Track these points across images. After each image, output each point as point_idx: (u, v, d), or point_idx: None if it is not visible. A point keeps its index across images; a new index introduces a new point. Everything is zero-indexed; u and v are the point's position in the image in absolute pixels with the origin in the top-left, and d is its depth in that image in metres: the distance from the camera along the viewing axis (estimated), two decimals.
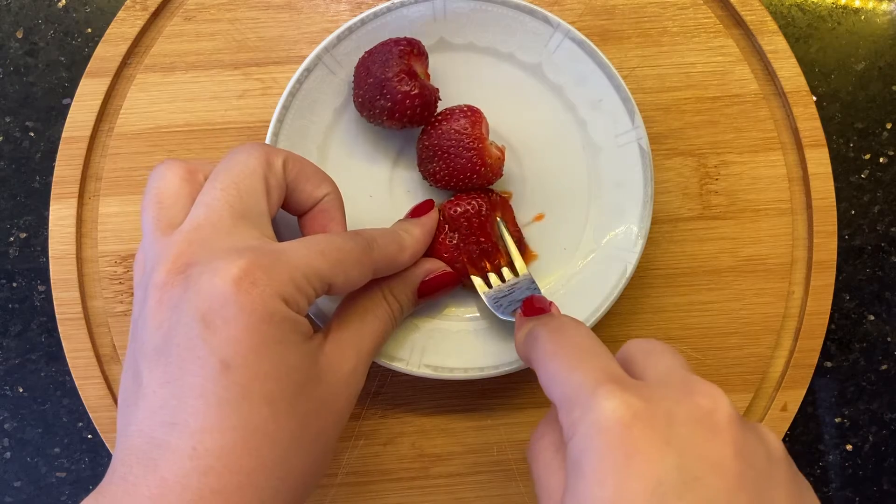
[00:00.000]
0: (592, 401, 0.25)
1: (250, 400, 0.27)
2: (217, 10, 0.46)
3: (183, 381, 0.27)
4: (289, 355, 0.28)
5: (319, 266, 0.30)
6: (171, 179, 0.32)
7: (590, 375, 0.26)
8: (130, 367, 0.29)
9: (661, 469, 0.23)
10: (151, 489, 0.26)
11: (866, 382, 0.49)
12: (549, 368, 0.28)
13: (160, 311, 0.28)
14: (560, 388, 0.27)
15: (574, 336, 0.30)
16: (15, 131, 0.48)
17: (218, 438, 0.26)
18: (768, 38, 0.46)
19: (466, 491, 0.45)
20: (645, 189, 0.42)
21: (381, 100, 0.39)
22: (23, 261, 0.47)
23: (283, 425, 0.28)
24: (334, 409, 0.31)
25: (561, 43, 0.42)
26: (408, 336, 0.42)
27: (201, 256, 0.29)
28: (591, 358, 0.27)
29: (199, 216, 0.30)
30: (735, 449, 0.24)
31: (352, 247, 0.32)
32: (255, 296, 0.27)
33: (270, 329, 0.28)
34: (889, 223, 0.49)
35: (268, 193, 0.32)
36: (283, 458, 0.28)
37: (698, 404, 0.25)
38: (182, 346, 0.27)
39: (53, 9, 0.48)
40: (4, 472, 0.47)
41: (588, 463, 0.24)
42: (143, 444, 0.27)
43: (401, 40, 0.40)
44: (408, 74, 0.39)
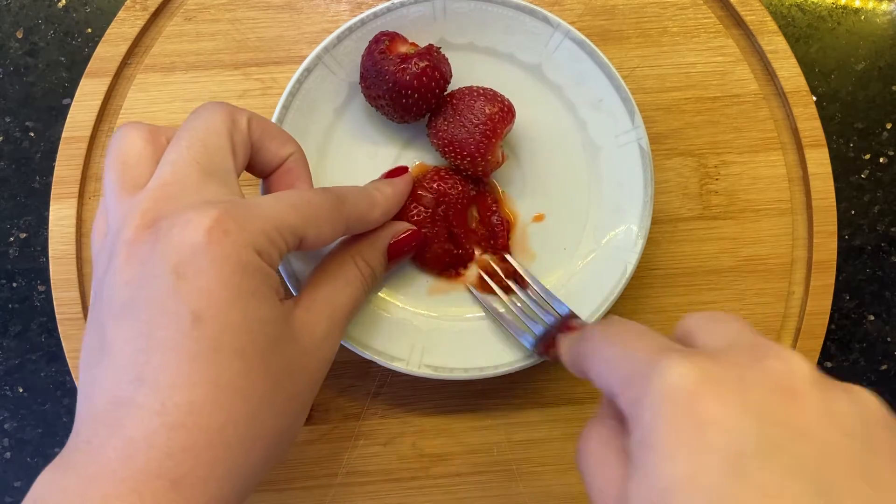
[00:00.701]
0: (656, 370, 0.22)
1: (221, 353, 0.26)
2: (217, 10, 0.46)
3: (152, 335, 0.26)
4: (262, 308, 0.28)
5: (291, 219, 0.30)
6: (133, 141, 0.31)
7: (649, 349, 0.24)
8: (94, 327, 0.28)
9: (738, 438, 0.21)
10: (117, 450, 0.25)
11: (866, 382, 0.49)
12: (605, 355, 0.26)
13: (129, 267, 0.27)
14: (618, 371, 0.25)
15: (626, 325, 0.27)
16: (15, 131, 0.48)
17: (188, 393, 0.25)
18: (768, 38, 0.46)
19: (466, 491, 0.45)
20: (645, 189, 0.42)
21: (409, 99, 0.39)
22: (23, 261, 0.47)
23: (254, 381, 0.27)
24: (307, 371, 0.31)
25: (561, 43, 0.42)
26: (408, 336, 0.42)
27: (171, 210, 0.28)
28: (648, 337, 0.25)
29: (165, 174, 0.29)
30: (819, 413, 0.21)
31: (322, 201, 0.32)
32: (228, 246, 0.27)
33: (243, 280, 0.27)
34: (889, 223, 0.49)
35: (233, 151, 0.31)
36: (254, 416, 0.27)
37: (773, 367, 0.22)
38: (152, 299, 0.26)
39: (53, 9, 0.48)
40: (4, 472, 0.47)
41: (656, 437, 0.21)
42: (107, 403, 0.26)
43: (370, 48, 0.40)
44: (404, 61, 0.39)
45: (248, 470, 0.27)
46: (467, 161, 0.40)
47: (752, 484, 0.20)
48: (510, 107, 0.40)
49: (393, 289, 0.43)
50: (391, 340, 0.41)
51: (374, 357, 0.41)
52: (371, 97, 0.40)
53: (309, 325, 0.31)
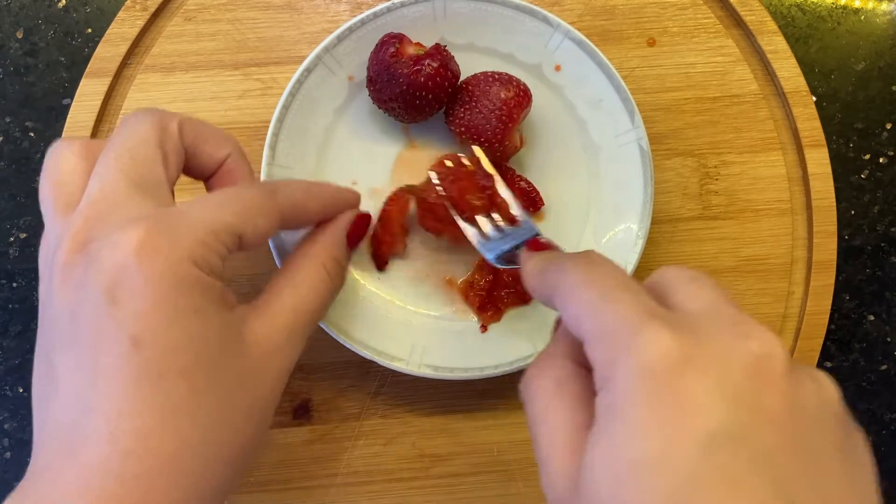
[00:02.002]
0: (637, 339, 0.22)
1: (165, 377, 0.26)
2: (217, 10, 0.46)
3: (95, 362, 0.26)
4: (203, 325, 0.27)
5: (224, 218, 0.28)
6: (66, 157, 0.30)
7: (632, 309, 0.23)
8: (41, 356, 0.28)
9: (713, 421, 0.21)
10: (74, 478, 0.25)
11: (866, 382, 0.49)
12: (581, 297, 0.25)
13: (65, 292, 0.27)
14: (594, 320, 0.24)
15: (607, 268, 0.26)
16: (15, 131, 0.48)
17: (135, 420, 0.25)
18: (768, 39, 0.46)
19: (466, 491, 0.45)
20: (645, 189, 0.42)
21: (423, 101, 0.39)
22: (23, 261, 0.47)
23: (203, 400, 0.27)
24: (261, 382, 0.30)
25: (561, 43, 0.42)
26: (408, 336, 0.42)
27: (98, 231, 0.27)
28: (631, 292, 0.24)
29: (93, 191, 0.29)
30: (789, 402, 0.22)
31: (253, 194, 0.31)
32: (160, 263, 0.26)
33: (181, 297, 0.26)
34: (889, 223, 0.49)
35: (165, 160, 0.30)
36: (208, 436, 0.27)
37: (752, 350, 0.22)
38: (90, 326, 0.26)
39: (53, 9, 0.48)
40: (4, 472, 0.47)
41: (631, 409, 0.22)
42: (61, 434, 0.26)
43: (379, 51, 0.40)
44: (416, 63, 0.39)
45: (207, 489, 0.27)
46: (485, 146, 0.40)
47: (720, 469, 0.20)
48: (526, 90, 0.40)
49: (393, 289, 0.43)
50: (391, 340, 0.41)
51: (374, 357, 0.41)
52: (381, 100, 0.40)
53: (264, 335, 0.30)
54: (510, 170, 0.43)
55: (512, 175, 0.43)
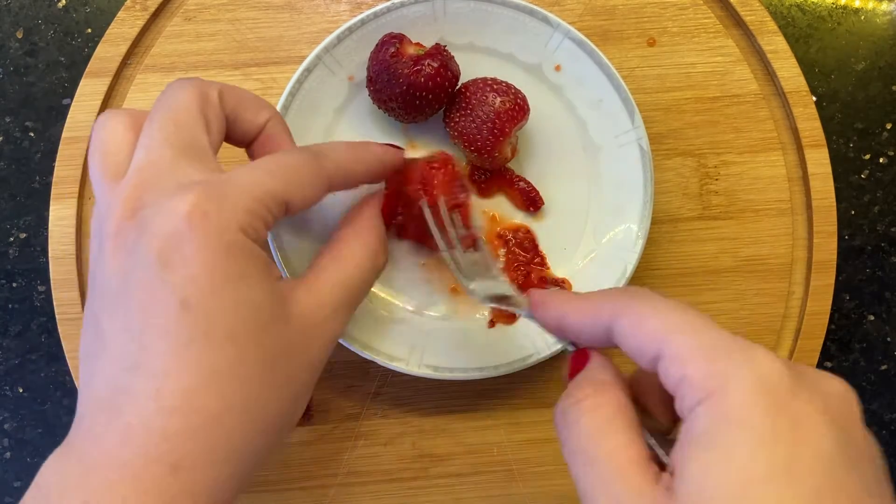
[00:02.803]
0: (753, 353, 0.23)
1: (212, 339, 0.26)
2: (217, 10, 0.46)
3: (144, 323, 0.26)
4: (251, 290, 0.27)
5: (271, 185, 0.29)
6: (113, 128, 0.31)
7: (724, 331, 0.24)
8: (90, 318, 0.29)
9: (829, 443, 0.22)
10: (117, 436, 0.25)
11: (866, 382, 0.49)
12: (669, 318, 0.25)
13: (116, 258, 0.28)
14: (694, 337, 0.24)
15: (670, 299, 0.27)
16: (15, 131, 0.48)
17: (182, 379, 0.26)
18: (768, 39, 0.46)
19: (466, 491, 0.45)
20: (645, 189, 0.42)
21: (423, 101, 0.39)
22: (23, 261, 0.47)
23: (249, 365, 0.27)
24: (305, 353, 0.30)
25: (561, 43, 0.42)
26: (408, 336, 0.42)
27: (149, 198, 0.28)
28: (711, 321, 0.25)
29: (140, 159, 0.29)
30: (865, 437, 0.24)
31: (300, 159, 0.31)
32: (210, 229, 0.26)
33: (229, 263, 0.27)
34: (889, 223, 0.49)
35: (207, 126, 0.31)
36: (251, 400, 0.27)
37: (839, 388, 0.24)
38: (141, 289, 0.26)
39: (53, 9, 0.48)
40: (4, 472, 0.47)
41: (753, 419, 0.22)
42: (106, 391, 0.26)
43: (379, 52, 0.40)
44: (416, 63, 0.39)
45: (247, 454, 0.27)
46: (475, 155, 0.40)
47: (842, 486, 0.22)
48: (522, 103, 0.40)
49: (393, 289, 0.43)
50: (391, 340, 0.41)
51: (374, 357, 0.41)
52: (381, 100, 0.40)
53: (310, 307, 0.30)
54: (509, 170, 0.43)
55: (511, 176, 0.43)
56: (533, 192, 0.43)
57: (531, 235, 0.43)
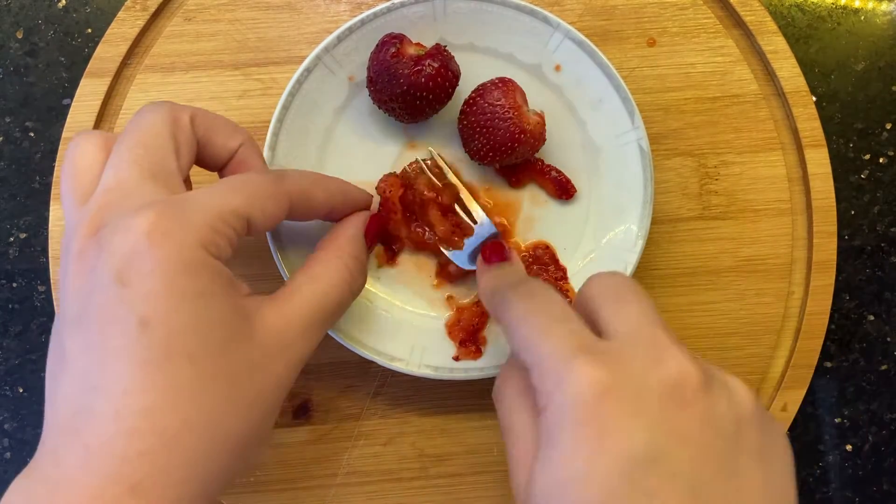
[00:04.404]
0: (564, 374, 0.25)
1: (171, 358, 0.26)
2: (217, 10, 0.46)
3: (103, 344, 0.26)
4: (211, 308, 0.27)
5: (232, 202, 0.29)
6: (84, 149, 0.31)
7: (562, 343, 0.26)
8: (54, 338, 0.29)
9: (630, 445, 0.24)
10: (77, 457, 0.25)
11: (866, 382, 0.49)
12: (521, 332, 0.28)
13: (78, 277, 0.28)
14: (532, 353, 0.27)
15: (544, 301, 0.29)
16: (15, 131, 0.48)
17: (140, 399, 0.25)
18: (768, 39, 0.46)
19: (466, 491, 0.45)
20: (645, 189, 0.42)
21: (424, 101, 0.39)
22: (23, 261, 0.47)
23: (208, 384, 0.27)
24: (270, 372, 0.30)
25: (561, 43, 0.42)
26: (408, 336, 0.42)
27: (111, 217, 0.28)
28: (562, 324, 0.28)
29: (108, 180, 0.29)
30: (702, 419, 0.25)
31: (262, 179, 0.31)
32: (169, 247, 0.26)
33: (189, 281, 0.27)
34: (889, 223, 0.49)
35: (177, 150, 0.31)
36: (212, 419, 0.27)
37: (666, 374, 0.26)
38: (100, 308, 0.26)
39: (53, 9, 0.48)
40: (4, 472, 0.47)
41: (561, 436, 0.25)
42: (67, 413, 0.26)
43: (379, 52, 0.40)
44: (417, 63, 0.39)
45: (209, 473, 0.27)
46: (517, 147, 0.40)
47: (638, 485, 0.24)
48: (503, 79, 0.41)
49: (393, 289, 0.43)
50: (391, 340, 0.41)
51: (374, 357, 0.41)
52: (381, 100, 0.40)
53: (277, 325, 0.30)
54: (538, 160, 0.43)
55: (542, 166, 0.43)
56: (565, 181, 0.43)
57: (551, 251, 0.43)
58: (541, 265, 0.43)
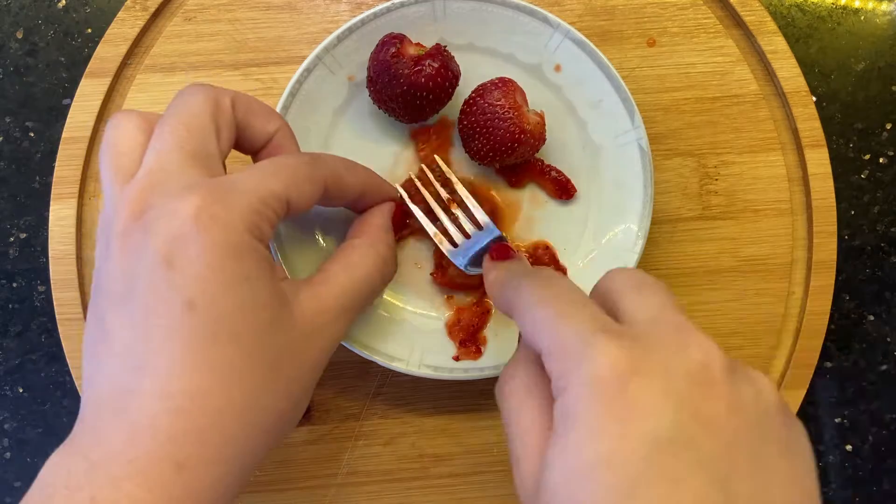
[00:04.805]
0: (587, 351, 0.24)
1: (217, 339, 0.27)
2: (217, 10, 0.46)
3: (149, 324, 0.27)
4: (256, 291, 0.28)
5: (273, 186, 0.30)
6: (125, 129, 0.31)
7: (582, 325, 0.25)
8: (95, 317, 0.29)
9: (657, 426, 0.23)
10: (122, 434, 0.26)
11: (866, 383, 0.49)
12: (537, 316, 0.27)
13: (123, 258, 0.28)
14: (549, 336, 0.26)
15: (561, 286, 0.28)
16: (15, 131, 0.48)
17: (186, 379, 0.26)
18: (768, 39, 0.46)
19: (466, 491, 0.45)
20: (645, 189, 0.42)
21: (424, 101, 0.39)
22: (23, 261, 0.47)
23: (252, 366, 0.28)
24: (308, 355, 0.31)
25: (561, 43, 0.42)
26: (408, 336, 0.42)
27: (155, 200, 0.28)
28: (581, 307, 0.27)
29: (150, 162, 0.30)
30: (728, 405, 0.24)
31: (299, 161, 0.32)
32: (216, 231, 0.27)
33: (235, 264, 0.27)
34: (889, 223, 0.49)
35: (218, 134, 0.31)
36: (253, 399, 0.28)
37: (693, 358, 0.24)
38: (146, 289, 0.27)
39: (53, 9, 0.48)
40: (4, 472, 0.47)
41: (583, 415, 0.23)
42: (111, 391, 0.27)
43: (379, 52, 0.40)
44: (417, 63, 0.39)
45: (248, 453, 0.28)
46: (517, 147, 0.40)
47: (663, 469, 0.22)
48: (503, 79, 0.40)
49: (393, 289, 0.43)
50: (391, 340, 0.41)
51: (374, 357, 0.41)
52: (381, 100, 0.40)
53: (312, 309, 0.31)
54: (538, 160, 0.43)
55: (542, 166, 0.43)
56: (565, 180, 0.43)
57: (551, 251, 0.43)
58: (541, 265, 0.43)
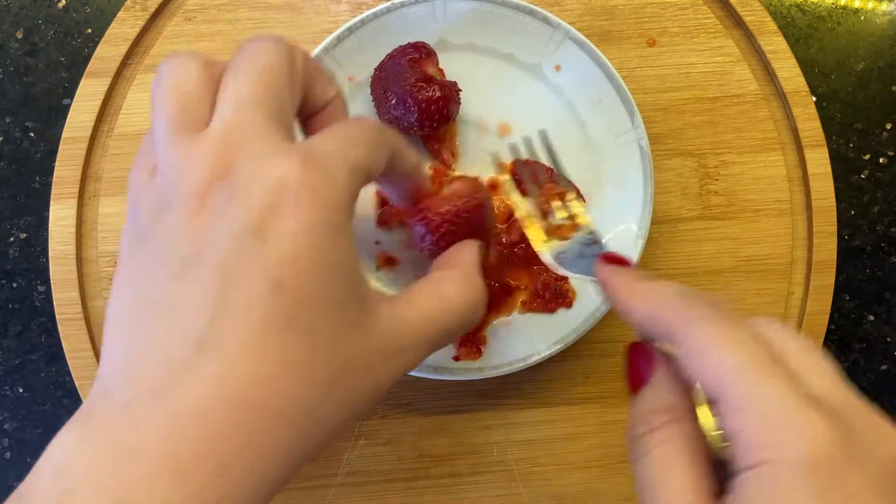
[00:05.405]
0: (804, 429, 0.22)
1: (295, 328, 0.23)
2: (217, 10, 0.46)
3: (224, 297, 0.23)
4: (343, 284, 0.25)
5: (358, 156, 0.26)
6: (190, 73, 0.27)
7: (790, 392, 0.23)
8: (135, 284, 0.25)
9: None
10: (163, 421, 0.22)
11: (866, 382, 0.49)
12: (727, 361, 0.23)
13: (197, 220, 0.24)
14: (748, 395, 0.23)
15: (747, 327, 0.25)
16: (15, 131, 0.48)
17: (253, 367, 0.23)
18: (768, 39, 0.46)
19: (466, 491, 0.45)
20: (645, 189, 0.42)
21: (408, 113, 0.39)
22: (23, 261, 0.47)
23: (319, 367, 0.24)
24: (375, 376, 0.27)
25: (561, 43, 0.42)
26: None
27: (244, 159, 0.25)
28: (775, 364, 0.23)
29: (228, 116, 0.26)
30: None
31: (371, 127, 0.29)
32: (318, 207, 0.24)
33: (330, 249, 0.24)
34: (889, 223, 0.49)
35: (292, 94, 0.28)
36: (312, 405, 0.24)
37: (888, 451, 0.23)
38: (227, 258, 0.23)
39: (53, 9, 0.48)
40: (4, 472, 0.47)
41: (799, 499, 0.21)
42: (154, 366, 0.23)
43: (406, 48, 0.40)
44: (425, 81, 0.39)
45: (292, 462, 0.24)
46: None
47: None
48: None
49: (393, 289, 0.43)
50: None
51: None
52: (377, 86, 0.40)
53: (393, 328, 0.27)
54: (549, 169, 0.43)
55: (552, 174, 0.43)
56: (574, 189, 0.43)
57: None
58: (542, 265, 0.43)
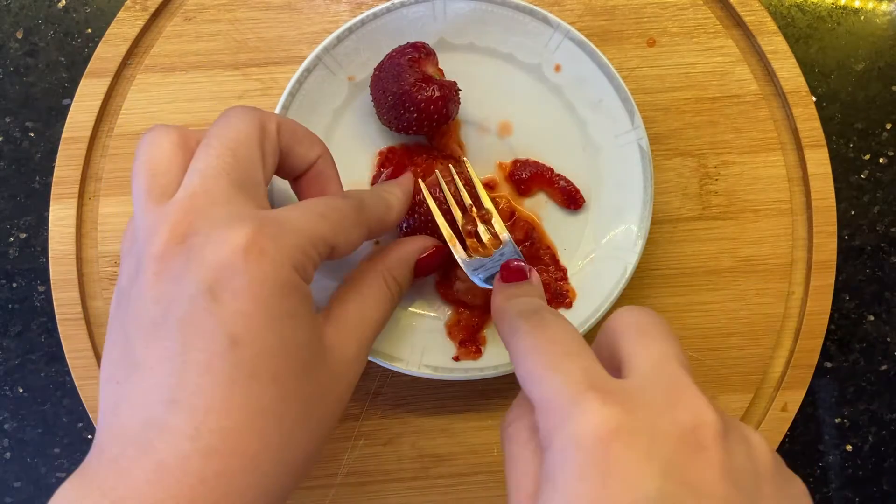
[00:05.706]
0: (572, 409, 0.23)
1: (258, 378, 0.26)
2: (217, 10, 0.46)
3: (186, 356, 0.25)
4: (298, 331, 0.27)
5: (322, 229, 0.29)
6: (163, 146, 0.29)
7: (569, 379, 0.24)
8: (119, 341, 0.27)
9: (640, 492, 0.22)
10: (148, 473, 0.24)
11: (866, 383, 0.49)
12: (527, 366, 0.26)
13: (160, 283, 0.27)
14: (538, 389, 0.25)
15: (555, 333, 0.27)
16: (15, 131, 0.48)
17: (223, 419, 0.25)
18: (768, 39, 0.46)
19: (466, 491, 0.45)
20: (645, 189, 0.42)
21: (407, 113, 0.39)
22: (23, 261, 0.47)
23: (289, 406, 0.27)
24: (336, 393, 0.30)
25: (561, 43, 0.42)
26: (408, 336, 0.42)
27: (201, 226, 0.27)
28: (572, 359, 0.25)
29: (193, 184, 0.28)
30: (721, 470, 0.23)
31: (347, 207, 0.31)
32: (265, 266, 0.26)
33: (281, 301, 0.26)
34: (889, 223, 0.49)
35: (263, 161, 0.30)
36: (287, 441, 0.27)
37: (683, 420, 0.23)
38: (186, 320, 0.26)
39: (53, 9, 0.48)
40: (4, 472, 0.47)
41: (562, 479, 0.22)
42: (136, 423, 0.25)
43: (406, 48, 0.39)
44: (424, 81, 0.39)
45: (277, 495, 0.27)
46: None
47: None
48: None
49: None
50: (391, 340, 0.41)
51: (375, 357, 0.41)
52: (376, 86, 0.40)
53: (339, 347, 0.30)
54: (549, 169, 0.43)
55: (552, 175, 0.43)
56: (573, 190, 0.43)
57: (551, 251, 0.43)
58: (541, 266, 0.43)
